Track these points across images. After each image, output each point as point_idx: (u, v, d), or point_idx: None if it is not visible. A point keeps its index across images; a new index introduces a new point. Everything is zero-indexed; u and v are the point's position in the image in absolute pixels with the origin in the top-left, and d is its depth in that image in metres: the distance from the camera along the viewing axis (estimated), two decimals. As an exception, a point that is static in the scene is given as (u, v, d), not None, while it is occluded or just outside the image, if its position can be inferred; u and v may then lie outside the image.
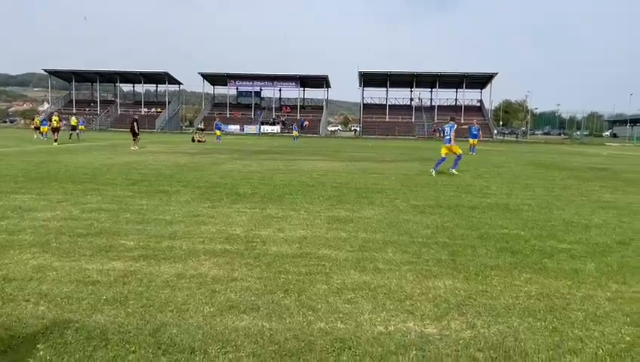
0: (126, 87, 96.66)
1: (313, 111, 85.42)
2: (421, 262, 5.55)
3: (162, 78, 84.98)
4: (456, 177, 14.94)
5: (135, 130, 27.08)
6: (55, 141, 30.00)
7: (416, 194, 10.83)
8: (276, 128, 76.72)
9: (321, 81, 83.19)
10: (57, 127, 31.75)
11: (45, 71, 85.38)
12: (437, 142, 55.22)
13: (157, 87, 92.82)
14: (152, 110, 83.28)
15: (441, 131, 18.87)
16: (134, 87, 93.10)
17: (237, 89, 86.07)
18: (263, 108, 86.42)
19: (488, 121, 78.42)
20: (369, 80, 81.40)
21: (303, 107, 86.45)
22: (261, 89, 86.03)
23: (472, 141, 29.60)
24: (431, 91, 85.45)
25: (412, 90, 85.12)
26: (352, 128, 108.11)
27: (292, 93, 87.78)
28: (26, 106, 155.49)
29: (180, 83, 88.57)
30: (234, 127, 76.47)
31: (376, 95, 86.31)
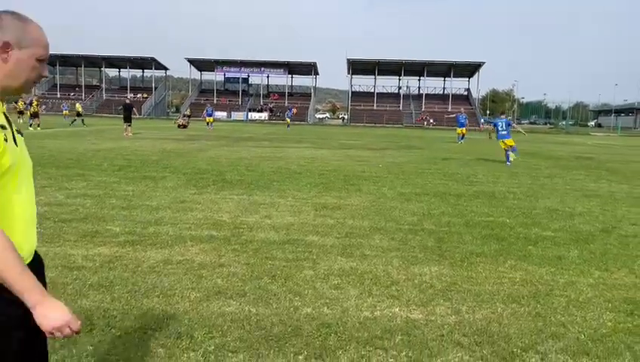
0: (112, 72, 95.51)
1: (301, 98, 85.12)
2: (407, 248, 5.59)
3: (149, 63, 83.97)
4: (443, 165, 15.01)
5: (130, 116, 26.68)
6: (30, 126, 29.40)
7: (404, 182, 10.87)
8: (264, 115, 76.36)
9: (309, 68, 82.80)
10: (36, 113, 31.29)
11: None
12: (424, 131, 55.45)
13: (143, 73, 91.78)
14: (138, 96, 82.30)
15: (492, 124, 18.83)
16: (120, 72, 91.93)
17: (224, 75, 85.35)
18: (251, 95, 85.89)
19: (475, 110, 78.76)
20: (357, 67, 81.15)
21: (290, 94, 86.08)
22: (249, 75, 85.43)
23: (459, 130, 29.64)
24: (419, 79, 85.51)
25: (400, 79, 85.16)
26: (340, 116, 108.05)
27: (280, 80, 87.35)
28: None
29: (167, 68, 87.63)
30: (221, 114, 75.95)
31: (365, 83, 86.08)
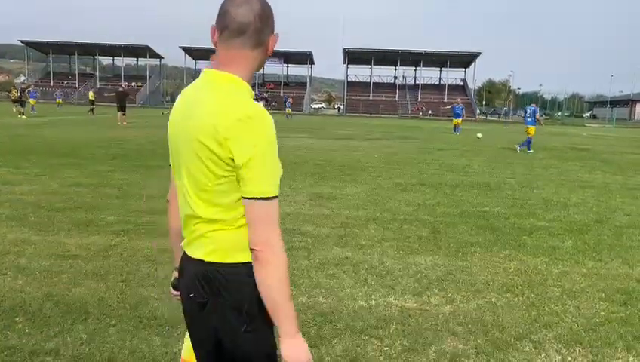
0: (105, 60, 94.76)
1: (297, 88, 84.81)
2: (403, 238, 5.60)
3: (143, 51, 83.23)
4: (438, 156, 15.02)
5: (125, 104, 26.38)
6: (21, 114, 29.19)
7: (399, 172, 10.87)
8: (259, 105, 76.03)
9: (305, 58, 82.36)
10: (16, 99, 31.37)
11: (22, 42, 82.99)
12: (420, 121, 55.37)
13: (137, 61, 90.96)
14: (133, 84, 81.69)
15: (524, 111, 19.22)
16: (114, 60, 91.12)
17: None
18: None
19: (472, 100, 78.73)
20: (353, 57, 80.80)
21: (286, 84, 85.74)
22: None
23: (456, 121, 29.62)
24: (415, 70, 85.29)
25: (396, 69, 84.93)
26: (336, 106, 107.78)
27: (275, 69, 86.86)
28: (1, 78, 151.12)
29: (161, 57, 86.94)
30: (216, 103, 75.50)
31: (361, 73, 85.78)
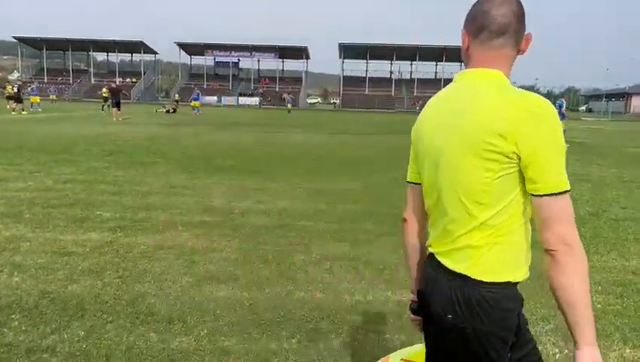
0: (100, 56, 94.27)
1: (292, 83, 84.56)
2: (399, 232, 5.57)
3: (137, 47, 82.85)
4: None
5: (119, 101, 26.27)
6: (13, 111, 29.09)
7: (396, 166, 10.86)
8: (255, 100, 75.90)
9: (300, 52, 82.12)
10: (11, 96, 31.40)
11: (15, 38, 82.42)
12: (416, 115, 55.12)
13: (132, 57, 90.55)
14: (127, 80, 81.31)
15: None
16: (108, 56, 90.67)
17: (214, 59, 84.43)
18: (242, 80, 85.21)
19: (467, 94, 78.63)
20: (349, 52, 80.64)
21: (282, 79, 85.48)
22: (239, 59, 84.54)
23: None
24: (411, 64, 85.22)
25: (392, 63, 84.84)
26: (332, 101, 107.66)
27: (271, 64, 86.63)
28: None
29: (156, 53, 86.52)
30: (211, 99, 75.39)
31: (356, 67, 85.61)
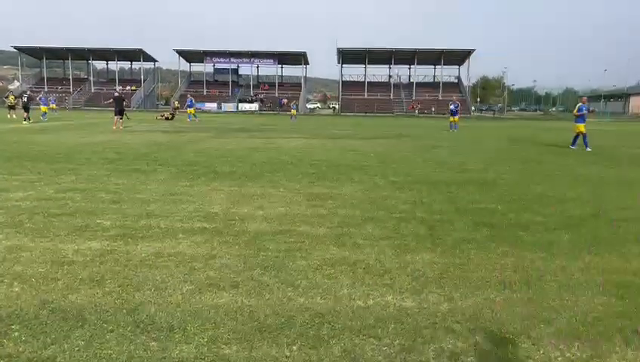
0: (99, 65, 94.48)
1: (292, 88, 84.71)
2: (399, 236, 5.59)
3: (137, 54, 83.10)
4: (434, 154, 15.04)
5: (122, 109, 26.03)
6: (24, 120, 29.22)
7: (395, 171, 10.87)
8: (254, 106, 75.99)
9: (299, 58, 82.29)
10: (13, 105, 32.11)
11: (15, 48, 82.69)
12: (415, 119, 55.46)
13: (132, 65, 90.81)
14: (127, 88, 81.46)
15: (581, 111, 18.59)
16: (108, 64, 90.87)
17: (214, 66, 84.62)
18: (241, 86, 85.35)
19: (466, 97, 78.79)
20: (348, 57, 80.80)
21: (281, 84, 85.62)
22: (238, 66, 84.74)
23: (452, 118, 29.24)
24: (409, 68, 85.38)
25: (390, 67, 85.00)
26: (331, 106, 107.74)
27: (270, 70, 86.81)
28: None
29: (156, 60, 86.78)
30: (211, 105, 75.49)
31: (355, 72, 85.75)
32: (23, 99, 31.66)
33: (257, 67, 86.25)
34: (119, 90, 35.42)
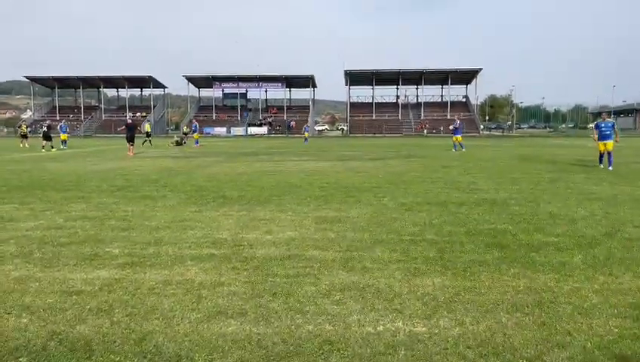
0: (110, 92, 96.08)
1: (300, 111, 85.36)
2: (409, 260, 5.53)
3: (147, 81, 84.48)
4: (444, 174, 14.98)
5: (134, 135, 26.38)
6: (43, 148, 29.74)
7: (404, 192, 10.83)
8: (264, 129, 76.55)
9: (307, 81, 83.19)
10: (25, 134, 34.41)
11: (27, 78, 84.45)
12: (424, 139, 55.46)
13: (142, 91, 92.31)
14: (137, 115, 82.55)
15: (597, 128, 17.11)
16: (118, 91, 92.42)
17: (222, 91, 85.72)
18: (250, 110, 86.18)
19: (474, 116, 78.91)
20: (355, 78, 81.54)
21: (289, 107, 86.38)
22: (247, 90, 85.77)
23: (455, 138, 29.00)
24: (417, 88, 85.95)
25: (398, 88, 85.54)
26: (340, 127, 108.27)
27: (278, 93, 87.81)
28: (8, 115, 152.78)
29: (165, 86, 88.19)
30: (220, 130, 76.14)
31: (363, 93, 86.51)
32: (43, 128, 32.20)
33: (266, 91, 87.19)
34: (131, 118, 36.10)
